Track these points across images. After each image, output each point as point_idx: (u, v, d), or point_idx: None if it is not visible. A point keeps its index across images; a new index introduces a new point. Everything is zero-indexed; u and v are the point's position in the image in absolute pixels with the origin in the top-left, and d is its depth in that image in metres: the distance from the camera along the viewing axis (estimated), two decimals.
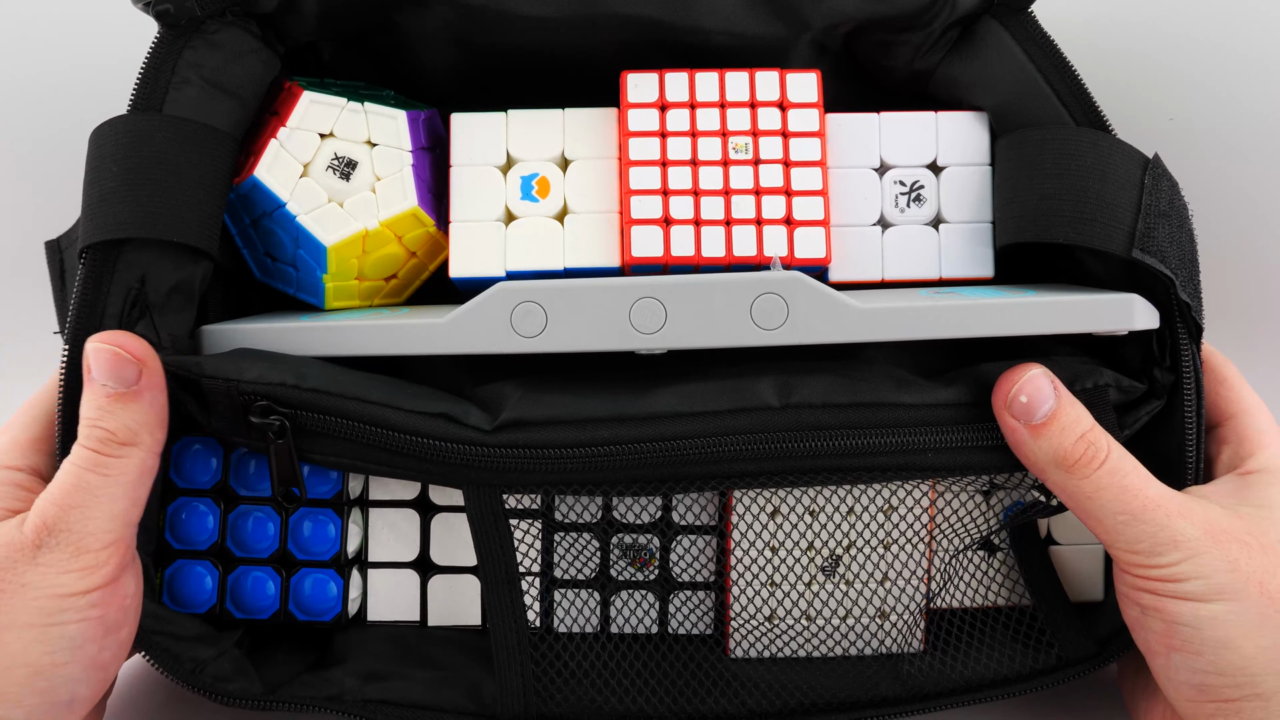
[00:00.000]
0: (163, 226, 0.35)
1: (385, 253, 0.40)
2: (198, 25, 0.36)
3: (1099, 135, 0.36)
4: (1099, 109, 0.36)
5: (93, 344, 0.34)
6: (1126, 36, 0.50)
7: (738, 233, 0.37)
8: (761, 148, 0.38)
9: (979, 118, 0.39)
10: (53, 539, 0.33)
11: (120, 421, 0.33)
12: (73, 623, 0.33)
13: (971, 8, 0.38)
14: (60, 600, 0.32)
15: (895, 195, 0.39)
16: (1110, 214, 0.35)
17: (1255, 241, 0.51)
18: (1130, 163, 0.35)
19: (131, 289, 0.35)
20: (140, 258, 0.35)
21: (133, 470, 0.34)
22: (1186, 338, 0.35)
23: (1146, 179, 0.35)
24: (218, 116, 0.36)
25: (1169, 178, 0.36)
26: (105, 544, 0.33)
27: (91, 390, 0.34)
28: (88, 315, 0.35)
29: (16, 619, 0.32)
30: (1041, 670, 0.38)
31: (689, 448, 0.35)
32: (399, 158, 0.39)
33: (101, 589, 0.33)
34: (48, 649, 0.32)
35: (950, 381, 0.36)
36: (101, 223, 0.35)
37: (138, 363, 0.34)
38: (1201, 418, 0.35)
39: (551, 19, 0.38)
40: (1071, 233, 0.35)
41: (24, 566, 0.32)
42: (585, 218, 0.39)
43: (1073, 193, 0.35)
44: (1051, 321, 0.35)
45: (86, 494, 0.33)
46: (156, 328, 0.36)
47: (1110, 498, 0.33)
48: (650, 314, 0.35)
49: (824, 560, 0.38)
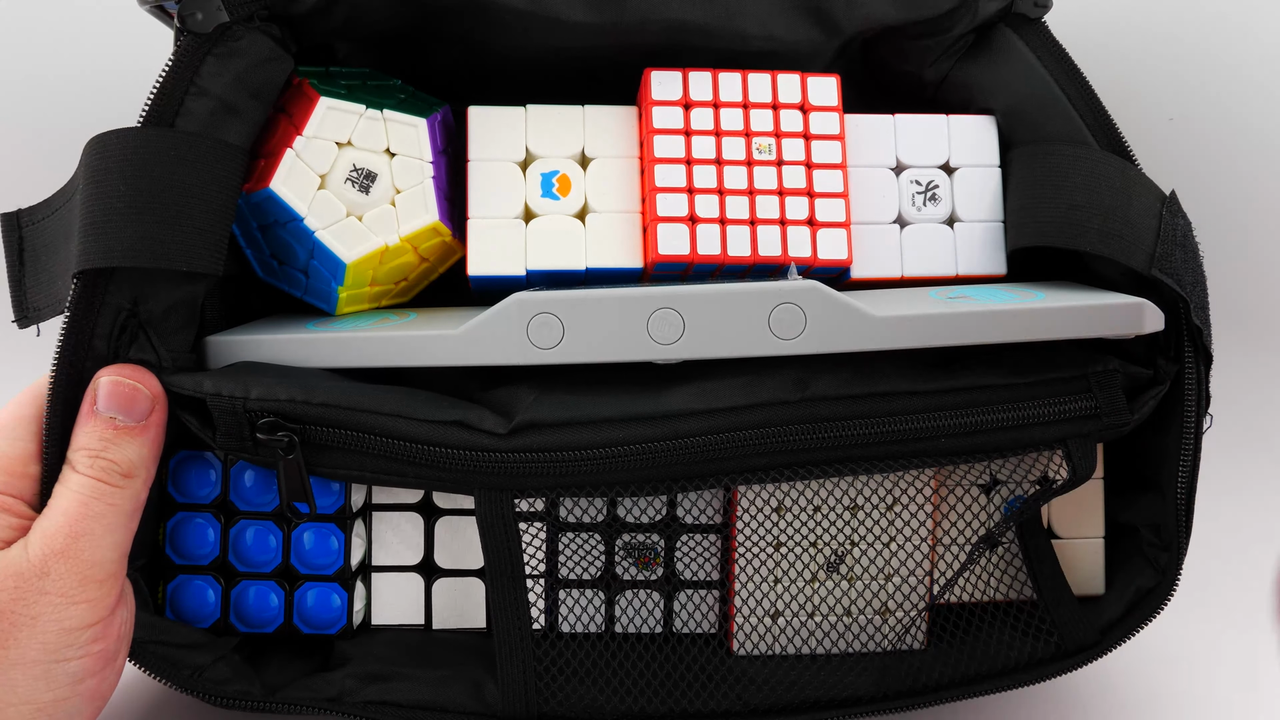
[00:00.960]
0: (171, 256, 0.33)
1: (400, 262, 0.39)
2: (223, 32, 0.34)
3: (1126, 164, 0.38)
4: (1111, 119, 0.38)
5: (109, 377, 0.33)
6: (1127, 37, 0.51)
7: (762, 232, 0.38)
8: (784, 149, 0.38)
9: (988, 121, 0.40)
10: (60, 566, 0.32)
11: (124, 454, 0.33)
12: (75, 659, 0.32)
13: (990, 14, 0.39)
14: (66, 635, 0.32)
15: (912, 194, 0.40)
16: (1133, 233, 0.36)
17: (1255, 241, 0.52)
18: (1151, 195, 0.37)
19: (122, 310, 0.34)
20: (133, 278, 0.34)
21: (131, 501, 0.33)
22: (1188, 337, 0.37)
23: (1165, 211, 0.37)
24: (232, 130, 0.35)
25: (1184, 215, 0.38)
26: (109, 574, 0.33)
27: (96, 421, 0.33)
28: (76, 336, 0.33)
29: (24, 655, 0.32)
30: (1042, 660, 0.39)
31: (703, 445, 0.35)
32: (420, 169, 0.37)
33: (103, 622, 0.33)
34: (50, 686, 0.32)
35: (962, 369, 0.36)
36: (105, 246, 0.33)
37: (152, 400, 0.34)
38: (1201, 410, 0.37)
39: (597, 24, 0.37)
40: (1099, 244, 0.36)
41: (33, 597, 0.32)
42: (607, 217, 0.38)
43: (1101, 208, 0.36)
44: (1067, 327, 0.35)
45: (94, 523, 0.32)
46: (155, 347, 0.35)
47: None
48: (668, 325, 0.35)
49: (828, 557, 0.39)
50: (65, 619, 0.32)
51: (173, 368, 0.35)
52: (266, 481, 0.37)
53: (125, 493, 0.33)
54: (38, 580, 0.32)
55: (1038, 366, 0.36)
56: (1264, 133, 0.51)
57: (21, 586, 0.32)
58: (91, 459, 0.33)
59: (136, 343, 0.34)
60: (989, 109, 0.40)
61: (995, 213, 0.40)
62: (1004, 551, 0.40)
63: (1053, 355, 0.37)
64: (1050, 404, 0.36)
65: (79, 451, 0.33)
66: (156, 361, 0.35)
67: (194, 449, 0.37)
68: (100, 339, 0.34)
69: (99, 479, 0.33)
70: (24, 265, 0.37)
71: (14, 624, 0.31)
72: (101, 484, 0.33)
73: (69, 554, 0.32)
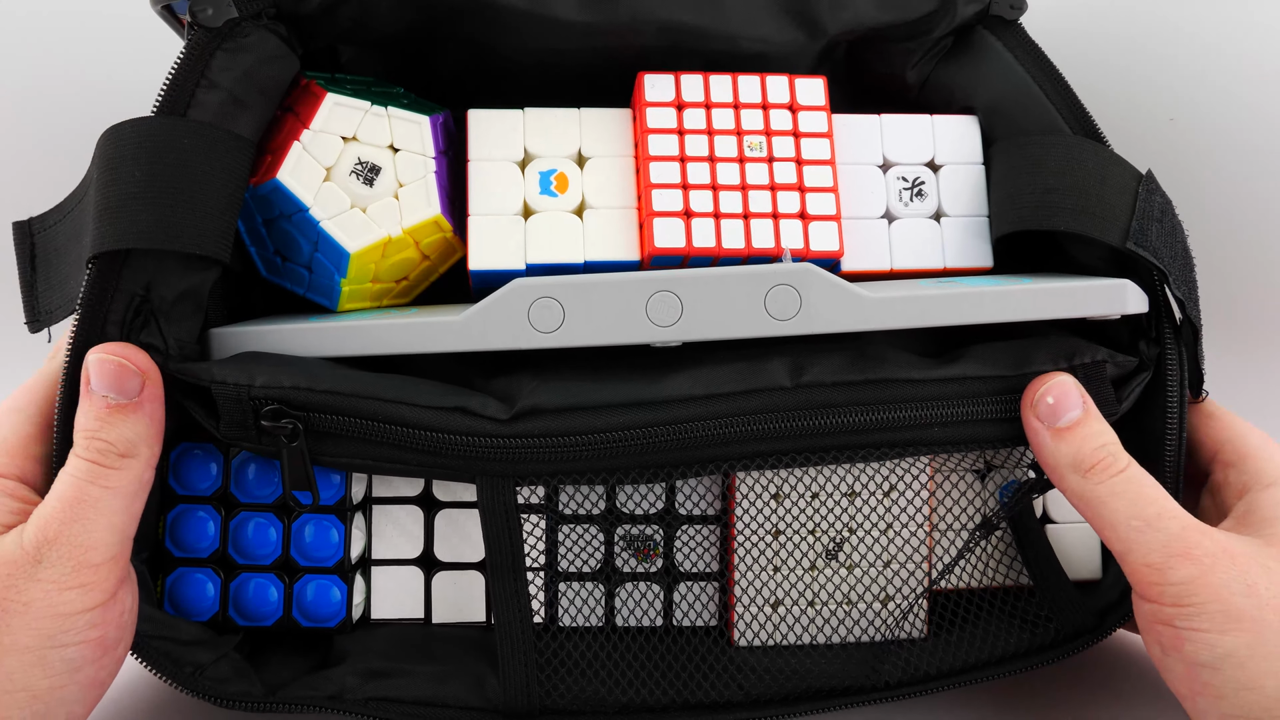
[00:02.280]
0: (185, 239, 0.34)
1: (402, 257, 0.40)
2: (232, 28, 0.36)
3: (1099, 146, 0.39)
4: (1086, 110, 0.39)
5: (95, 355, 0.33)
6: (1128, 36, 0.51)
7: (755, 226, 0.39)
8: (775, 146, 0.40)
9: (971, 121, 0.42)
10: (54, 552, 0.32)
11: (120, 433, 0.33)
12: (72, 645, 0.32)
13: (968, 17, 0.40)
14: (61, 621, 0.32)
15: (899, 190, 0.41)
16: (1108, 210, 0.37)
17: (1255, 241, 0.52)
18: (1126, 174, 0.38)
19: (136, 296, 0.34)
20: (147, 264, 0.34)
21: (132, 483, 0.33)
22: (1168, 319, 0.38)
23: (1140, 189, 0.38)
24: (240, 122, 0.36)
25: (1162, 193, 0.39)
26: (106, 558, 0.32)
27: (90, 401, 0.33)
28: (91, 321, 0.34)
29: (17, 641, 0.31)
30: (1041, 646, 0.39)
31: (701, 429, 0.35)
32: (422, 164, 0.39)
33: (101, 607, 0.32)
34: (46, 673, 0.32)
35: (953, 359, 0.37)
36: (121, 229, 0.34)
37: (141, 375, 0.33)
38: (1185, 390, 0.37)
39: (594, 24, 0.39)
40: (1073, 222, 0.37)
41: (26, 584, 0.31)
42: (603, 213, 0.39)
43: (1075, 189, 0.38)
44: (1053, 307, 0.37)
45: (88, 507, 0.32)
46: (164, 334, 0.35)
47: (1125, 503, 0.33)
48: (667, 307, 0.36)
49: (826, 545, 0.39)
50: (60, 604, 0.31)
51: (179, 356, 0.35)
52: (267, 474, 0.38)
53: (123, 474, 0.33)
54: (30, 567, 0.31)
55: (1028, 359, 0.37)
56: (1264, 133, 0.51)
57: (14, 573, 0.31)
58: (88, 440, 0.33)
59: (147, 329, 0.35)
60: (970, 107, 0.42)
61: (980, 208, 0.41)
62: (1001, 538, 0.40)
63: (1042, 347, 0.37)
64: None
65: (79, 434, 0.33)
66: (164, 348, 0.35)
67: (195, 441, 0.38)
68: (114, 324, 0.34)
69: (94, 461, 0.32)
70: (36, 271, 0.37)
71: (6, 610, 0.31)
72: (97, 466, 0.32)
73: (63, 539, 0.32)
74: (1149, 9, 0.51)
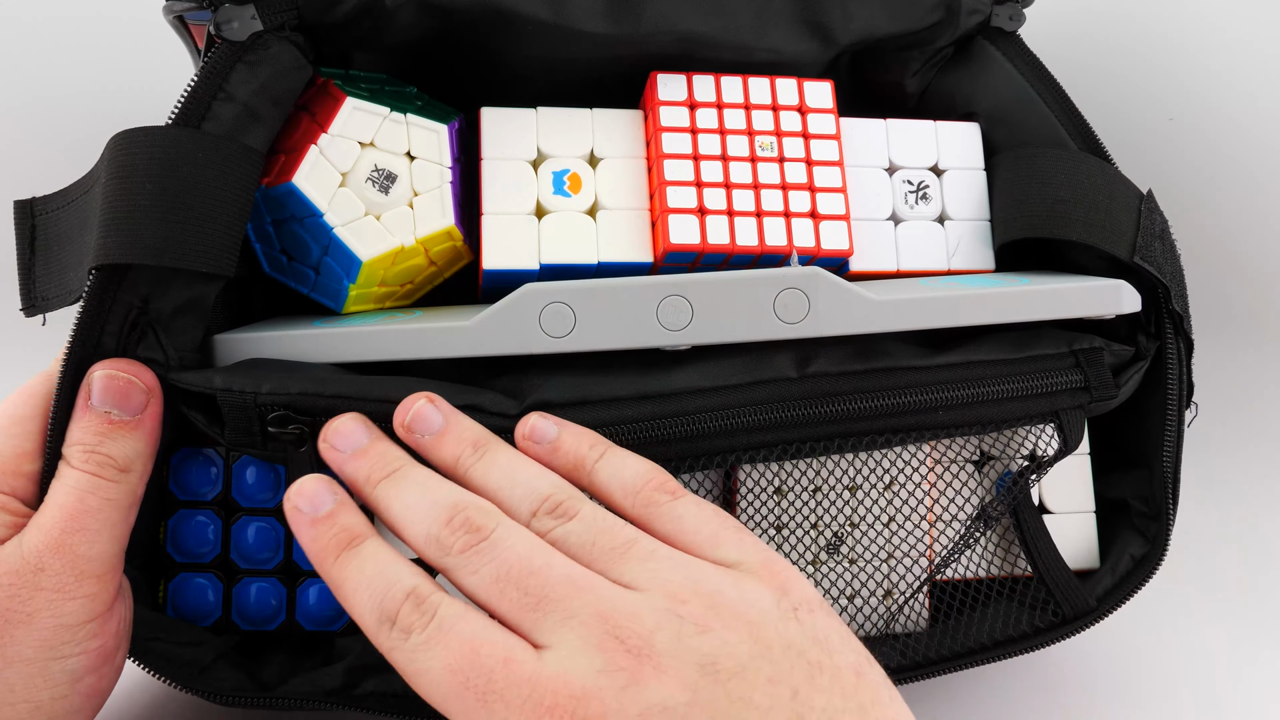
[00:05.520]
0: (192, 256, 0.33)
1: (411, 264, 0.39)
2: (255, 40, 0.35)
3: (1105, 164, 0.41)
4: (1085, 120, 0.41)
5: (103, 370, 0.33)
6: (1128, 36, 0.51)
7: (768, 224, 0.39)
8: (785, 147, 0.40)
9: (973, 128, 0.43)
10: (55, 561, 0.31)
11: (120, 449, 0.33)
12: (74, 656, 0.32)
13: (970, 27, 0.42)
14: (64, 632, 0.31)
15: (905, 193, 0.42)
16: (1115, 225, 0.39)
17: (1255, 241, 0.52)
18: (1130, 192, 0.40)
19: (133, 308, 0.34)
20: (148, 275, 0.34)
21: (128, 496, 0.33)
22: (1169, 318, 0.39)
23: (1143, 208, 0.40)
24: (253, 135, 0.35)
25: (1161, 213, 0.40)
26: (107, 569, 0.32)
27: (91, 415, 0.33)
28: (89, 332, 0.33)
29: (20, 653, 0.31)
30: (1041, 629, 0.40)
31: (709, 420, 0.35)
32: (439, 173, 0.38)
33: (100, 617, 0.32)
34: (49, 684, 0.32)
35: (956, 348, 0.38)
36: (128, 242, 0.33)
37: (147, 393, 0.33)
38: (1184, 389, 0.39)
39: (614, 35, 0.39)
40: (1085, 233, 0.39)
41: (29, 593, 0.31)
42: (616, 214, 0.40)
43: (1085, 202, 0.39)
44: (1051, 308, 0.38)
45: (89, 517, 0.32)
46: (163, 346, 0.34)
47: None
48: (677, 311, 0.36)
49: (829, 539, 0.40)
50: (62, 615, 0.31)
51: (180, 366, 0.35)
52: (268, 478, 0.37)
53: (121, 487, 0.33)
54: (33, 576, 0.31)
55: (1029, 344, 0.38)
56: (1264, 133, 0.51)
57: (16, 583, 0.31)
58: (86, 454, 0.32)
59: (145, 341, 0.34)
60: (971, 114, 0.43)
61: (982, 212, 0.43)
62: (1000, 528, 0.41)
63: (1040, 335, 0.39)
64: (1044, 377, 0.37)
65: (74, 446, 0.33)
66: (164, 360, 0.34)
67: (195, 446, 0.37)
68: (110, 335, 0.33)
69: (94, 473, 0.32)
70: (35, 253, 0.36)
71: (9, 621, 0.31)
72: (96, 478, 0.32)
73: (64, 549, 0.31)
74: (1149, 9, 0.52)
